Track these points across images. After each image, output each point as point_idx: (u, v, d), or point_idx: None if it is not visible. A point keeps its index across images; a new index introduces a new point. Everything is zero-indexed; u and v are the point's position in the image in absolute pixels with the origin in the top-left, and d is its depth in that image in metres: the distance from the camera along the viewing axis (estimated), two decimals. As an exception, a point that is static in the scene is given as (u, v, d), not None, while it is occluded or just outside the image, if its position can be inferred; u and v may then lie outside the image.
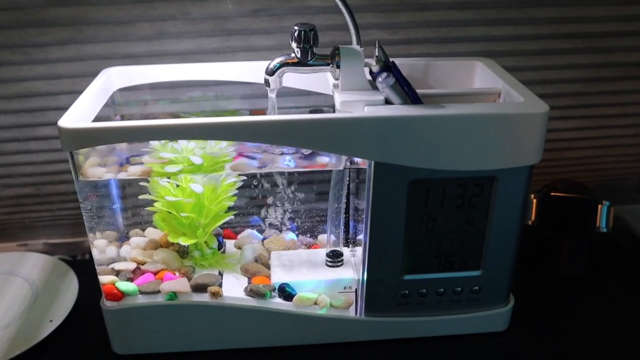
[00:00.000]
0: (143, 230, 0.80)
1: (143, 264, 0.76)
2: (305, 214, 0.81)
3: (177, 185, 0.75)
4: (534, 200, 0.87)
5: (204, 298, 0.73)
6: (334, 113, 0.67)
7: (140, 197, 0.74)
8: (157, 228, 0.77)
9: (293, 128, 0.62)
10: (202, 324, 0.74)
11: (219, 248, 0.81)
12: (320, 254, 0.79)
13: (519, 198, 0.69)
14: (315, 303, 0.75)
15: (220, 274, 0.77)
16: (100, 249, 0.74)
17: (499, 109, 0.66)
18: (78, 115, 0.64)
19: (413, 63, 0.79)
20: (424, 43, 0.89)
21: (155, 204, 0.75)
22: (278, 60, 0.70)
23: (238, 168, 0.68)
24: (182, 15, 0.82)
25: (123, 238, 0.79)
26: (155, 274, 0.75)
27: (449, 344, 0.77)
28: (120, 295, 0.72)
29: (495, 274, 0.74)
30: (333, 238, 0.78)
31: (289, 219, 0.81)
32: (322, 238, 0.83)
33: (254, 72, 0.77)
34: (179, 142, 0.67)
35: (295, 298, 0.74)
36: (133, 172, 0.67)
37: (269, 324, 0.74)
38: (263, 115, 0.64)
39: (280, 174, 0.77)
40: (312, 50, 0.69)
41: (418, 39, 0.88)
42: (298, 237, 0.83)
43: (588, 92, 0.96)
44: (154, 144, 0.66)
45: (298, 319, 0.74)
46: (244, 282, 0.76)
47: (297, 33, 0.67)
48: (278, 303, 0.74)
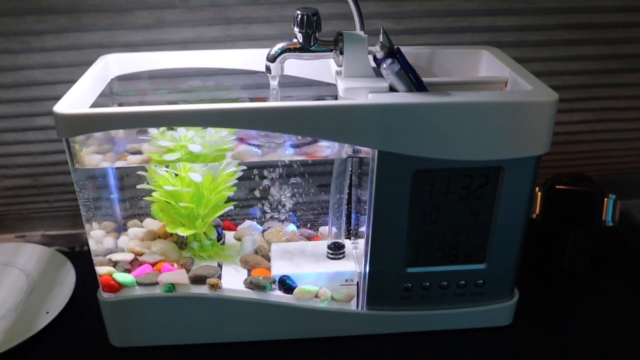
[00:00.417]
0: (141, 221, 0.80)
1: (141, 255, 0.75)
2: (307, 205, 0.80)
3: (175, 175, 0.74)
4: (539, 194, 0.86)
5: (203, 290, 0.72)
6: (337, 100, 0.66)
7: (138, 186, 0.73)
8: (155, 219, 0.76)
9: (295, 115, 0.61)
10: (200, 317, 0.73)
11: (218, 239, 0.80)
12: (322, 246, 0.78)
13: (526, 189, 0.68)
14: (316, 296, 0.74)
15: (220, 266, 0.76)
16: (98, 240, 0.73)
17: (507, 97, 0.65)
18: (74, 102, 0.63)
19: (418, 51, 0.78)
20: (428, 33, 0.88)
21: (154, 194, 0.74)
22: (280, 46, 0.68)
23: (239, 157, 0.67)
24: (181, 3, 0.81)
25: (121, 229, 0.78)
26: (153, 265, 0.74)
27: (452, 339, 0.76)
28: (118, 287, 0.72)
29: (500, 268, 0.73)
30: (335, 230, 0.77)
31: (290, 210, 0.80)
32: (323, 230, 0.82)
33: (255, 59, 0.76)
34: (178, 130, 0.66)
35: (296, 291, 0.73)
36: (131, 160, 0.66)
37: (269, 317, 0.73)
38: (264, 102, 0.62)
39: (282, 164, 0.75)
40: (314, 36, 0.68)
41: (422, 29, 0.87)
42: (299, 228, 0.82)
43: (594, 84, 0.95)
44: (153, 132, 0.65)
45: (298, 312, 0.73)
46: (244, 274, 0.75)
47: (299, 18, 0.66)
48: (278, 296, 0.73)
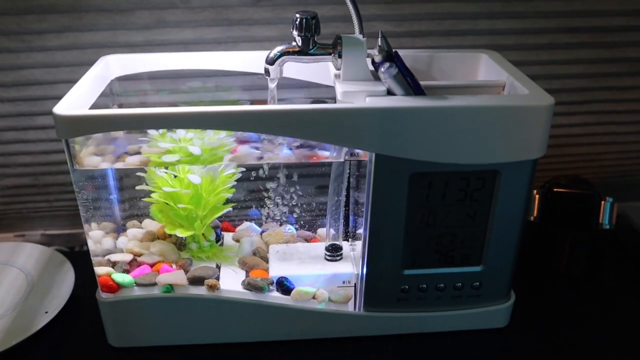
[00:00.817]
0: (140, 222, 0.80)
1: (140, 256, 0.75)
2: (305, 207, 0.80)
3: (174, 176, 0.74)
4: (537, 196, 0.86)
5: (201, 291, 0.72)
6: (335, 103, 0.66)
7: (138, 187, 0.73)
8: (154, 219, 0.76)
9: (293, 118, 0.61)
10: (198, 317, 0.73)
11: (217, 240, 0.80)
12: (319, 248, 0.78)
13: (522, 193, 0.68)
14: (314, 297, 0.74)
15: (218, 267, 0.76)
16: (97, 240, 0.73)
17: (503, 101, 0.65)
18: (74, 102, 0.63)
19: (416, 55, 0.78)
20: (428, 36, 0.88)
21: (153, 195, 0.74)
22: (279, 49, 0.69)
23: (238, 159, 0.67)
24: (182, 4, 0.81)
25: (120, 229, 0.78)
26: (152, 266, 0.74)
27: (449, 340, 0.76)
28: (116, 287, 0.72)
29: (497, 270, 0.73)
30: (332, 231, 0.77)
31: (288, 212, 0.80)
32: (321, 232, 0.82)
33: (255, 61, 0.76)
34: (177, 131, 0.66)
35: (294, 292, 0.73)
36: (130, 161, 0.66)
37: (267, 318, 0.73)
38: (262, 105, 0.62)
39: (280, 166, 0.75)
40: (313, 39, 0.68)
41: (422, 32, 0.87)
42: (297, 230, 0.82)
43: (594, 87, 0.95)
44: (152, 134, 0.65)
45: (296, 314, 0.73)
46: (242, 275, 0.75)
47: (298, 21, 0.66)
48: (276, 297, 0.74)
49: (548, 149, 0.66)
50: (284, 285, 0.73)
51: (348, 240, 0.80)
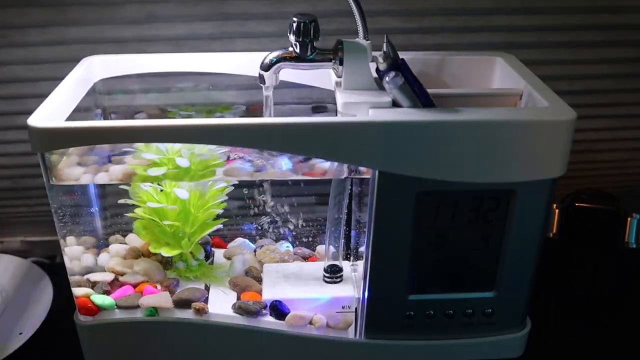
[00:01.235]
0: (124, 236, 0.77)
1: (122, 275, 0.73)
2: (303, 222, 0.78)
3: (160, 190, 0.71)
4: (556, 211, 0.85)
5: (188, 315, 0.70)
6: (336, 116, 0.63)
7: (120, 201, 0.71)
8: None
9: (290, 133, 0.58)
10: (185, 343, 0.71)
11: (207, 258, 0.77)
12: (318, 268, 0.76)
13: (540, 214, 0.65)
14: (311, 323, 0.71)
15: (207, 288, 0.73)
16: (75, 257, 0.70)
17: (519, 115, 0.62)
18: (51, 112, 0.61)
19: (426, 58, 0.74)
20: (440, 32, 0.85)
21: (136, 210, 0.71)
22: (274, 55, 0.66)
23: (231, 173, 0.64)
24: (174, -4, 0.79)
25: (102, 245, 0.76)
26: (135, 287, 0.72)
27: (458, 371, 0.73)
28: (96, 310, 0.69)
29: (511, 296, 0.70)
30: (332, 250, 0.74)
31: (285, 228, 0.78)
32: (320, 249, 0.80)
33: (250, 64, 0.72)
34: (165, 142, 0.64)
35: (288, 317, 0.70)
36: (114, 172, 0.63)
37: (259, 345, 0.71)
38: (257, 118, 0.61)
39: (276, 180, 0.72)
40: (312, 45, 0.65)
41: (433, 28, 0.85)
42: (294, 247, 0.79)
43: (620, 89, 0.93)
44: (137, 145, 0.63)
45: (291, 340, 0.71)
46: (233, 297, 0.72)
47: (295, 25, 0.64)
48: (269, 322, 0.71)
49: (570, 156, 0.63)
50: (278, 310, 0.71)
51: (349, 259, 0.77)
